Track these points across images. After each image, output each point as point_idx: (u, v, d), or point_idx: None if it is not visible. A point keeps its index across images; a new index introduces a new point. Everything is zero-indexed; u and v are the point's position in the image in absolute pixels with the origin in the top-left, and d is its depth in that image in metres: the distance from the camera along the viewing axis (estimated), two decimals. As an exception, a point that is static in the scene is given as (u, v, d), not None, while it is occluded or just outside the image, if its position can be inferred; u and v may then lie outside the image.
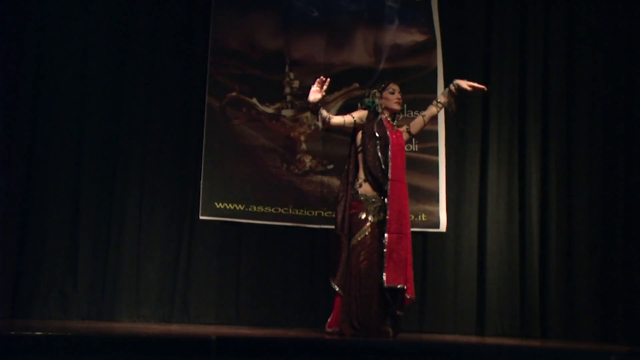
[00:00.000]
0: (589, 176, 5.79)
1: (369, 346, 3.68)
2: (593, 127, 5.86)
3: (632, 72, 5.84)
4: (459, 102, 4.56)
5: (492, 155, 5.76)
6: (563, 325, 5.57)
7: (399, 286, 4.23)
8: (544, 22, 5.96)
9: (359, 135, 4.44)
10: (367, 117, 4.45)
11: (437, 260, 5.63)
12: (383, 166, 4.33)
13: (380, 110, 4.48)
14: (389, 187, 4.30)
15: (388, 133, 4.41)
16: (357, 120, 4.43)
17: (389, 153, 4.34)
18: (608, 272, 5.65)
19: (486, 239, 5.65)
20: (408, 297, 4.29)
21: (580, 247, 5.69)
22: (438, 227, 5.58)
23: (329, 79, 4.24)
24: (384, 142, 4.36)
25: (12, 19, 5.10)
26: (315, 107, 4.27)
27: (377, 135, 4.37)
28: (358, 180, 4.40)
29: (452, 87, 4.49)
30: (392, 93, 4.51)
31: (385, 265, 4.21)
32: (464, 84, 4.49)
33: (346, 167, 4.52)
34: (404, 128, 4.57)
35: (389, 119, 4.49)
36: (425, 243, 5.61)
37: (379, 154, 4.34)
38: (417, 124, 4.58)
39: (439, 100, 4.52)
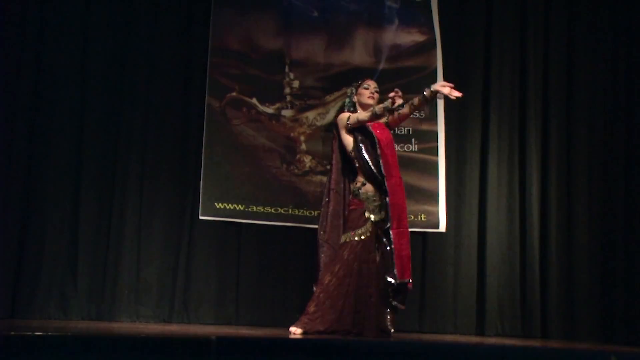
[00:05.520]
0: (589, 176, 5.79)
1: (369, 346, 3.67)
2: (593, 127, 5.86)
3: (632, 72, 5.84)
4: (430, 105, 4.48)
5: (492, 155, 5.75)
6: (563, 325, 5.58)
7: (407, 281, 4.25)
8: (544, 22, 5.96)
9: (347, 139, 4.41)
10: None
11: (437, 260, 5.63)
12: (374, 169, 4.30)
13: (353, 109, 4.45)
14: (387, 186, 4.28)
15: (371, 130, 4.37)
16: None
17: (379, 151, 4.32)
18: (608, 272, 5.65)
19: (486, 239, 5.65)
20: (410, 287, 4.31)
21: (580, 247, 5.69)
22: (438, 227, 5.58)
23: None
24: (370, 142, 4.34)
25: (13, 18, 5.10)
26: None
27: (359, 137, 4.35)
28: (357, 183, 4.39)
29: (425, 93, 4.21)
30: (367, 88, 4.48)
31: (395, 262, 4.23)
32: (444, 89, 4.15)
33: (330, 174, 4.52)
34: (383, 120, 4.49)
35: None
36: (425, 243, 5.61)
37: (366, 156, 4.32)
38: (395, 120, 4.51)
39: (413, 102, 4.31)
